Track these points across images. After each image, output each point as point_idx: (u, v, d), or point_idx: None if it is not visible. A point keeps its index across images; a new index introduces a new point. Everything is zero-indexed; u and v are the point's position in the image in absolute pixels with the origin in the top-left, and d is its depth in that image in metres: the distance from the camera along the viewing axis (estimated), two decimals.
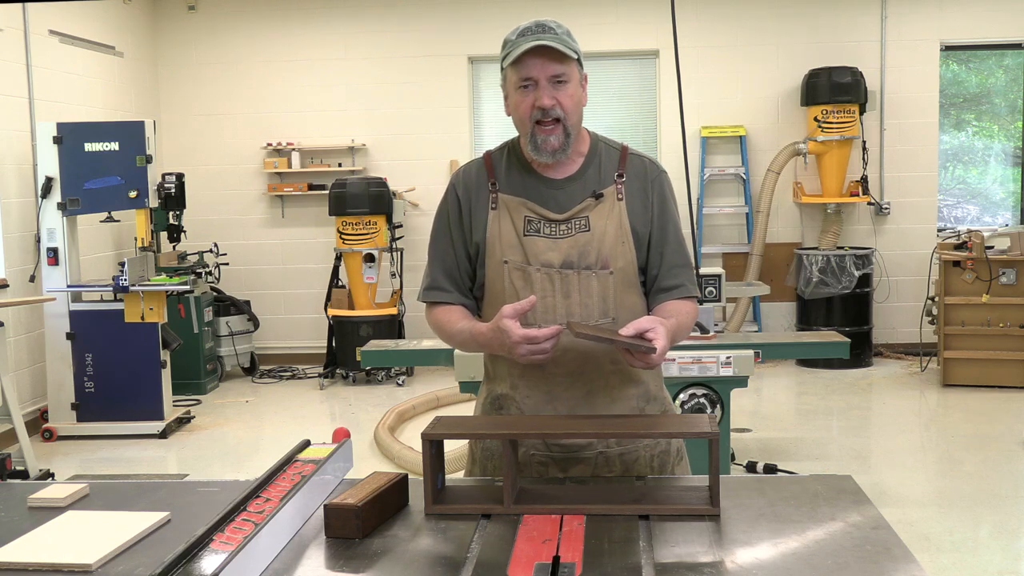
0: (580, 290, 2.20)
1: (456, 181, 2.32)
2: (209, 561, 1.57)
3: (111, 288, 6.43)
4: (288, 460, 2.07)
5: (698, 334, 5.14)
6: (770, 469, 5.32)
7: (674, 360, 4.75)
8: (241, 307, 8.42)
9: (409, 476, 2.02)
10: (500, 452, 2.26)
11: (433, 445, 1.95)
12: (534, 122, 2.16)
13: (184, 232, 7.86)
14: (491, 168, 2.29)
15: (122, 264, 6.40)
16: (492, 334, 2.09)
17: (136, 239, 6.83)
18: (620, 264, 2.21)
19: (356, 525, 1.80)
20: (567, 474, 2.20)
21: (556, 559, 1.65)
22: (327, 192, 8.19)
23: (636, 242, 2.23)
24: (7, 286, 6.51)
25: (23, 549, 1.77)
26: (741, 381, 4.85)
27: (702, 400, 4.81)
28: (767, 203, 8.45)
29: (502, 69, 2.21)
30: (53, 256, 6.47)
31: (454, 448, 5.29)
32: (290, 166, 8.66)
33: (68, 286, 6.47)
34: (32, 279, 6.70)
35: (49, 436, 6.50)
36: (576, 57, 2.17)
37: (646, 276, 2.27)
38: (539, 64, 2.13)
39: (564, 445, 2.21)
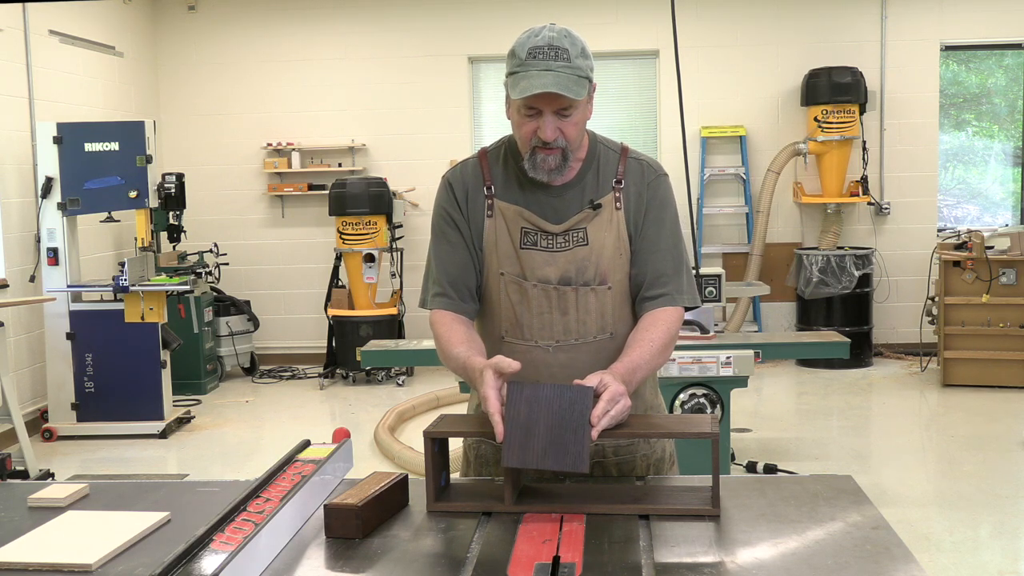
0: (578, 307, 2.15)
1: (453, 180, 2.25)
2: (209, 561, 1.56)
3: (111, 288, 6.43)
4: (288, 460, 2.07)
5: (698, 334, 5.14)
6: (770, 469, 5.32)
7: (674, 360, 4.74)
8: (241, 307, 8.42)
9: (409, 476, 2.02)
10: (495, 459, 2.25)
11: (436, 443, 1.95)
12: (534, 146, 2.09)
13: (184, 232, 7.86)
14: (487, 170, 2.22)
15: (122, 264, 6.40)
16: (475, 374, 2.00)
17: (136, 239, 6.83)
18: (618, 277, 2.16)
19: (356, 525, 1.79)
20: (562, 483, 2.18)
21: (556, 559, 1.65)
22: (327, 192, 8.19)
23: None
24: (7, 286, 6.50)
25: (23, 549, 1.77)
26: (741, 381, 4.85)
27: (702, 400, 4.81)
28: (767, 203, 8.45)
29: (507, 76, 2.09)
30: (53, 256, 6.47)
31: (457, 448, 5.28)
32: (290, 166, 8.65)
33: (68, 286, 6.47)
34: (32, 279, 6.70)
35: (49, 436, 6.50)
36: (587, 82, 2.04)
37: (632, 284, 2.19)
38: (546, 97, 2.01)
39: None
